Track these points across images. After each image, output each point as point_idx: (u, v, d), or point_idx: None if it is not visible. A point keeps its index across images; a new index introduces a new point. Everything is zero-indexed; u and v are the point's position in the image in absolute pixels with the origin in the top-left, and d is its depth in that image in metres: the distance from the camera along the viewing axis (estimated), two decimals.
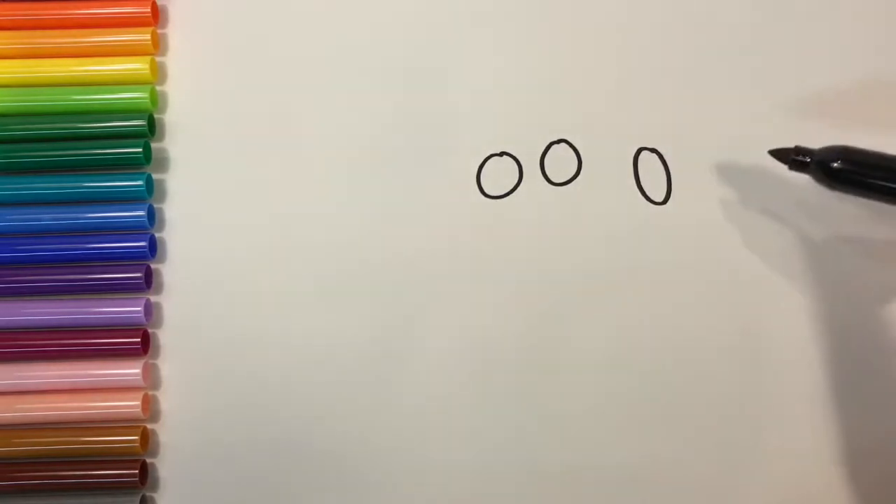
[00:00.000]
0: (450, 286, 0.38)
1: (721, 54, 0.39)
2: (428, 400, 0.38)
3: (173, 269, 0.39)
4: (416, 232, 0.38)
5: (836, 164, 0.33)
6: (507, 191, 0.39)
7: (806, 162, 0.34)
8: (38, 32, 0.39)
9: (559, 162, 0.39)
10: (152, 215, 0.39)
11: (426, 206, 0.39)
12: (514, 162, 0.39)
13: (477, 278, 0.38)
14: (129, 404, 0.37)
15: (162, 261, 0.39)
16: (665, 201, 0.38)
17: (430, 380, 0.38)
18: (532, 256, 0.38)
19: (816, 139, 0.33)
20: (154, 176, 0.39)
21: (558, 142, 0.39)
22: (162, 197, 0.39)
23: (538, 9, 0.40)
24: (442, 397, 0.38)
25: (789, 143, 0.34)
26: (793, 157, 0.34)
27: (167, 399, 0.38)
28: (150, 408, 0.38)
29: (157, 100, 0.40)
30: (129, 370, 0.38)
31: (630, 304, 0.38)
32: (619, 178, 0.38)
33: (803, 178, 0.34)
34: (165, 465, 0.38)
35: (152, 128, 0.39)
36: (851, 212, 0.37)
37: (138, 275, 0.38)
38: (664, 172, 0.38)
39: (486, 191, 0.39)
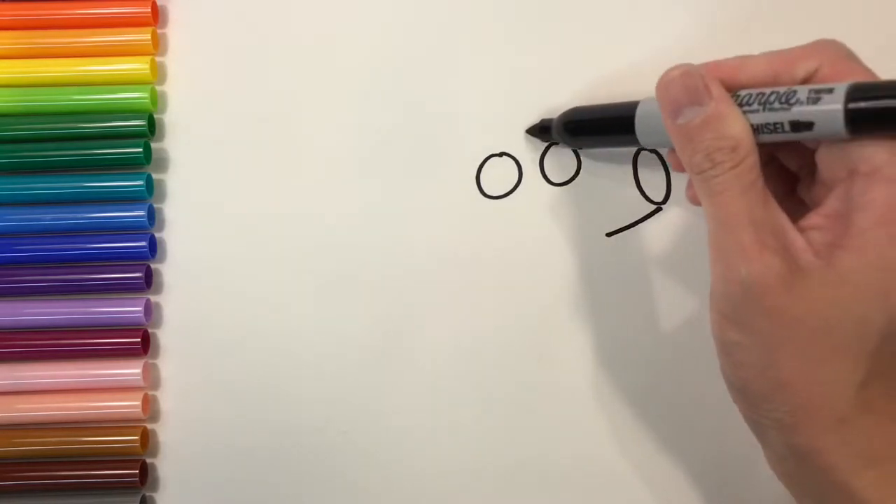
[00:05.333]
0: (450, 286, 0.38)
1: (721, 54, 0.39)
2: (429, 400, 0.38)
3: (173, 269, 0.39)
4: (416, 232, 0.38)
5: (568, 122, 0.37)
6: (507, 191, 0.39)
7: (548, 128, 0.38)
8: (38, 32, 0.39)
9: (559, 162, 0.39)
10: (152, 215, 0.39)
11: (426, 206, 0.39)
12: (513, 162, 0.39)
13: (477, 278, 0.38)
14: (129, 404, 0.37)
15: (162, 261, 0.39)
16: (664, 201, 0.38)
17: (431, 380, 0.38)
18: (532, 256, 0.38)
19: None
20: (154, 176, 0.39)
21: (558, 142, 0.39)
22: (162, 197, 0.39)
23: (538, 8, 0.40)
24: (442, 397, 0.38)
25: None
26: (540, 127, 0.38)
27: (167, 399, 0.38)
28: (150, 408, 0.38)
29: (157, 100, 0.40)
30: (129, 370, 0.38)
31: (631, 303, 0.38)
32: (619, 178, 0.38)
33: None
34: (165, 465, 0.38)
35: (152, 128, 0.39)
36: None
37: (138, 275, 0.38)
38: (664, 172, 0.38)
39: (486, 191, 0.39)
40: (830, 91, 0.27)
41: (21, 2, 0.40)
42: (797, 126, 0.28)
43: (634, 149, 0.38)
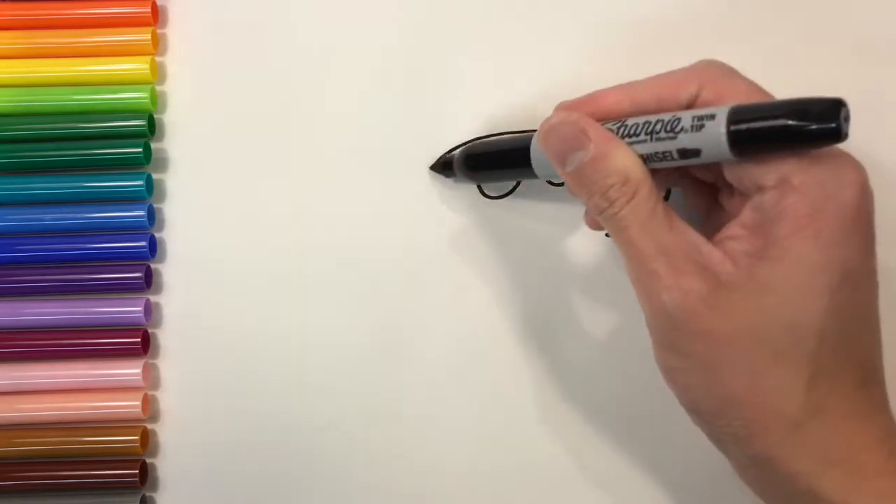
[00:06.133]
0: (450, 286, 0.38)
1: (722, 54, 0.39)
2: (430, 399, 0.38)
3: (173, 269, 0.39)
4: (416, 232, 0.38)
5: (467, 158, 0.37)
6: (507, 191, 0.39)
7: (450, 165, 0.38)
8: (38, 32, 0.39)
9: None
10: (152, 215, 0.39)
11: (426, 206, 0.39)
12: None
13: (477, 278, 0.38)
14: (129, 404, 0.37)
15: (162, 261, 0.39)
16: (664, 201, 0.38)
17: (432, 379, 0.38)
18: (532, 256, 0.38)
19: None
20: (154, 176, 0.39)
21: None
22: (162, 197, 0.39)
23: (539, 8, 0.40)
24: (443, 397, 0.38)
25: None
26: (441, 163, 0.38)
27: (167, 399, 0.38)
28: (151, 407, 0.38)
29: (157, 100, 0.40)
30: (129, 370, 0.38)
31: (631, 303, 0.37)
32: None
33: None
34: (165, 465, 0.38)
35: (152, 128, 0.39)
36: None
37: (138, 275, 0.38)
38: None
39: (486, 191, 0.39)
40: (713, 117, 0.27)
41: (21, 2, 0.40)
42: (685, 153, 0.28)
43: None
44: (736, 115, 0.27)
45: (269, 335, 0.38)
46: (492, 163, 0.36)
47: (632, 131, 0.29)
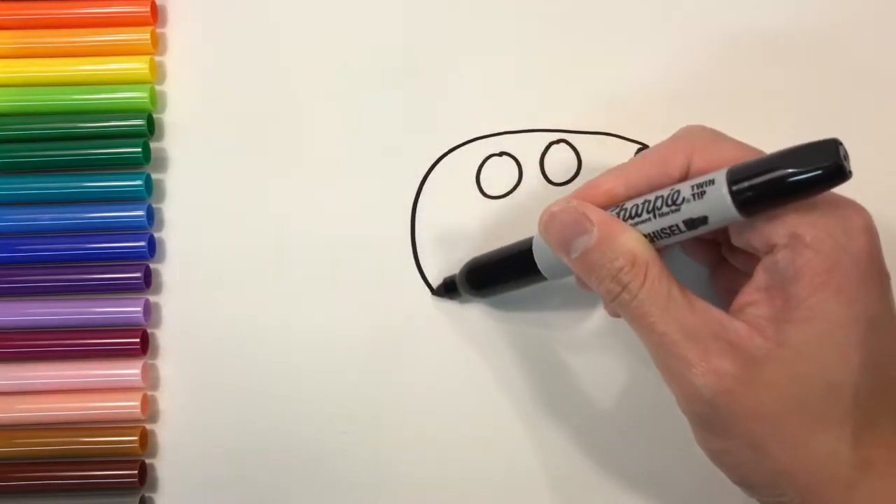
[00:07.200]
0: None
1: (721, 54, 0.39)
2: (429, 400, 0.37)
3: (173, 269, 0.39)
4: (416, 232, 0.38)
5: (470, 275, 0.36)
6: (507, 191, 0.39)
7: (453, 284, 0.37)
8: (38, 32, 0.39)
9: (559, 162, 0.38)
10: (151, 215, 0.39)
11: (426, 206, 0.39)
12: (513, 162, 0.39)
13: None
14: (129, 404, 0.37)
15: (161, 261, 0.39)
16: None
17: (431, 380, 0.38)
18: None
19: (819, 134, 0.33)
20: (153, 176, 0.39)
21: (558, 142, 0.38)
22: (161, 197, 0.39)
23: (539, 7, 0.40)
24: (442, 398, 0.37)
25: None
26: (444, 286, 0.37)
27: (167, 399, 0.38)
28: (150, 408, 0.38)
29: (157, 99, 0.40)
30: (129, 370, 0.38)
31: None
32: None
33: None
34: (165, 465, 0.38)
35: (151, 127, 0.39)
36: None
37: (137, 275, 0.38)
38: None
39: (486, 191, 0.39)
40: (712, 182, 0.27)
41: (21, 2, 0.40)
42: (692, 223, 0.28)
43: (634, 152, 0.38)
44: (735, 176, 0.27)
45: (268, 335, 0.38)
46: (496, 275, 0.36)
47: (632, 213, 0.29)
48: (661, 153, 0.30)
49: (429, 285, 0.38)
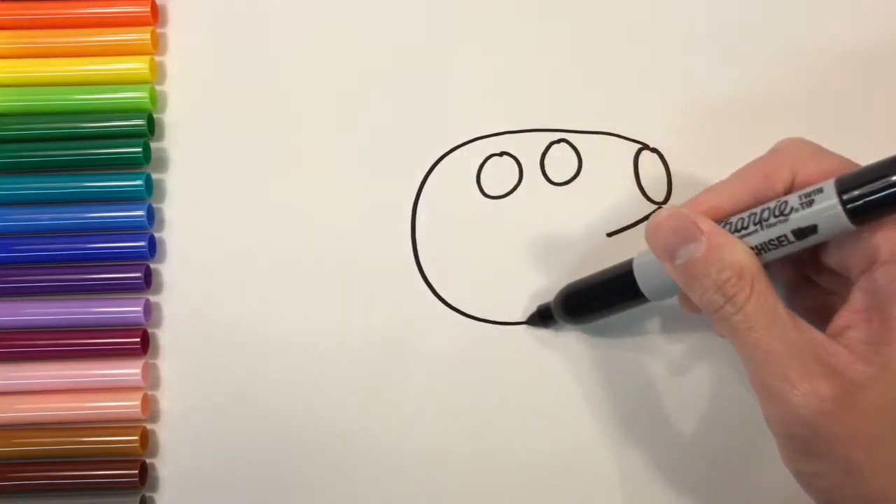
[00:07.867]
0: (450, 286, 0.38)
1: (722, 54, 0.39)
2: (429, 400, 0.37)
3: (173, 269, 0.39)
4: (416, 232, 0.38)
5: (567, 303, 0.35)
6: (507, 191, 0.39)
7: (547, 311, 0.36)
8: (38, 32, 0.39)
9: (559, 162, 0.39)
10: (152, 215, 0.39)
11: (427, 206, 0.39)
12: (514, 162, 0.39)
13: (477, 278, 0.38)
14: (129, 404, 0.37)
15: (161, 260, 0.39)
16: (665, 201, 0.38)
17: (431, 380, 0.38)
18: (532, 256, 0.38)
19: (827, 136, 0.33)
20: (154, 176, 0.39)
21: (558, 141, 0.39)
22: (161, 197, 0.39)
23: (539, 7, 0.40)
24: (443, 397, 0.37)
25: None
26: (539, 315, 0.37)
27: (167, 399, 0.38)
28: (150, 408, 0.38)
29: (157, 99, 0.40)
30: (129, 370, 0.38)
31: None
32: (619, 178, 0.38)
33: None
34: (165, 465, 0.38)
35: (152, 127, 0.39)
36: None
37: (138, 275, 0.38)
38: (664, 172, 0.38)
39: (486, 191, 0.39)
40: (820, 191, 0.27)
41: (21, 1, 0.40)
42: (801, 233, 0.28)
43: (634, 152, 0.38)
44: (844, 185, 0.27)
45: (268, 334, 0.38)
46: (595, 300, 0.35)
47: (738, 226, 0.29)
48: (764, 167, 0.30)
49: (429, 285, 0.38)
